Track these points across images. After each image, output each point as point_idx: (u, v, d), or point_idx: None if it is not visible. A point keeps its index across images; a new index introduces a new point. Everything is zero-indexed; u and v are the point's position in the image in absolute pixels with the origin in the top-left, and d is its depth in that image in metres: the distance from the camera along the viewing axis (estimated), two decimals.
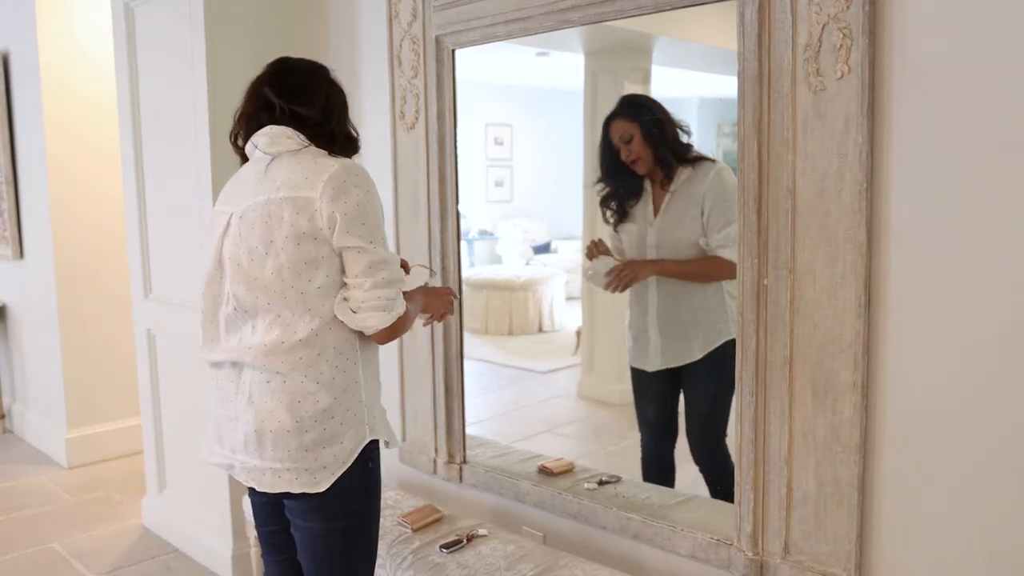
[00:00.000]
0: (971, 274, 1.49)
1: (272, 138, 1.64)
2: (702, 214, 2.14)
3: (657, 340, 2.30)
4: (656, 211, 2.24)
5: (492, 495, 2.44)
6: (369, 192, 1.61)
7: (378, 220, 1.62)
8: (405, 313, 1.66)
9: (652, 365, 2.34)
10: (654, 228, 2.25)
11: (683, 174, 2.19)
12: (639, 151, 2.22)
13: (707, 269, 2.14)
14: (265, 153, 1.65)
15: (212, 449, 1.75)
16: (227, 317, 1.69)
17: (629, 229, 2.32)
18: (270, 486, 1.64)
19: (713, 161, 2.17)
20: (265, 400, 1.62)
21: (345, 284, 1.62)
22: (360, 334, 1.65)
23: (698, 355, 2.24)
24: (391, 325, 1.63)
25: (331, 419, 1.61)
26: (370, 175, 1.65)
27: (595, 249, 2.34)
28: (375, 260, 1.59)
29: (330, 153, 1.65)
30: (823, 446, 1.68)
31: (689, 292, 2.24)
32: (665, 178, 2.22)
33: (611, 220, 2.36)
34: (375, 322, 1.60)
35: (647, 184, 2.26)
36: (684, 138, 2.20)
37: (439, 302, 1.93)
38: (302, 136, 1.65)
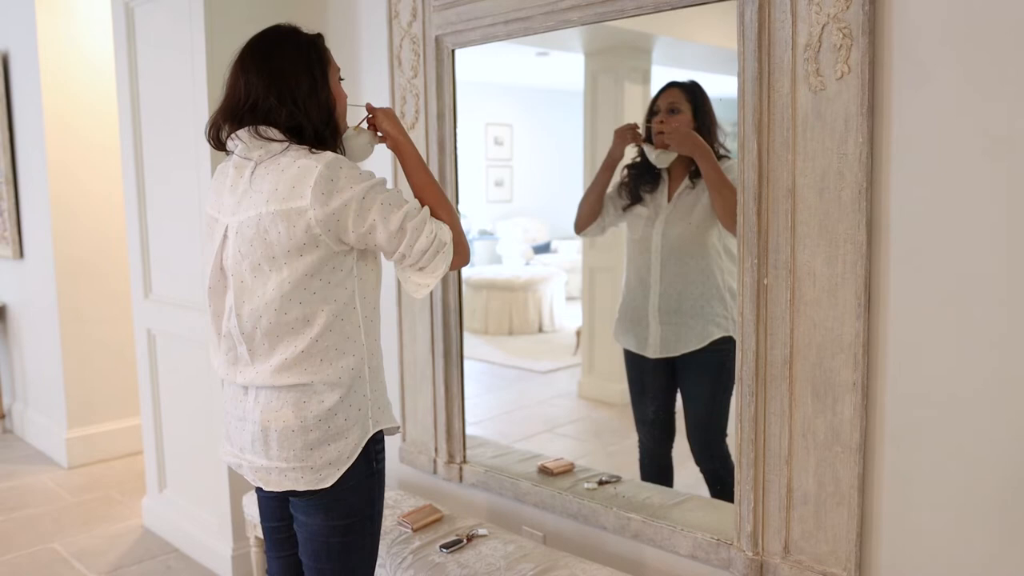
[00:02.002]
0: (971, 274, 1.49)
1: (251, 141, 1.59)
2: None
3: (656, 328, 2.31)
4: (669, 198, 2.25)
5: (492, 495, 2.44)
6: (359, 176, 1.56)
7: (375, 194, 1.56)
8: (451, 222, 1.65)
9: (651, 352, 2.35)
10: (663, 214, 2.26)
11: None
12: (677, 126, 2.19)
13: (731, 187, 2.01)
14: (246, 158, 1.61)
15: (224, 447, 1.76)
16: (231, 334, 1.68)
17: (638, 211, 2.32)
18: (276, 485, 1.64)
19: (731, 158, 2.16)
20: (271, 400, 1.62)
21: (395, 263, 1.63)
22: (360, 328, 1.64)
23: (694, 346, 2.25)
24: (454, 249, 1.64)
25: (335, 416, 1.61)
26: (349, 161, 1.59)
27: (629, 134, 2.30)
28: (393, 230, 1.57)
29: (311, 149, 1.58)
30: (823, 446, 1.68)
31: (691, 284, 2.25)
32: (686, 168, 2.21)
33: (624, 199, 2.35)
34: (443, 267, 1.62)
35: (664, 173, 2.27)
36: (720, 137, 2.19)
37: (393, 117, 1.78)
38: (281, 135, 1.58)
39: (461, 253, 1.67)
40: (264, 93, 1.59)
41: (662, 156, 2.23)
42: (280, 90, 1.59)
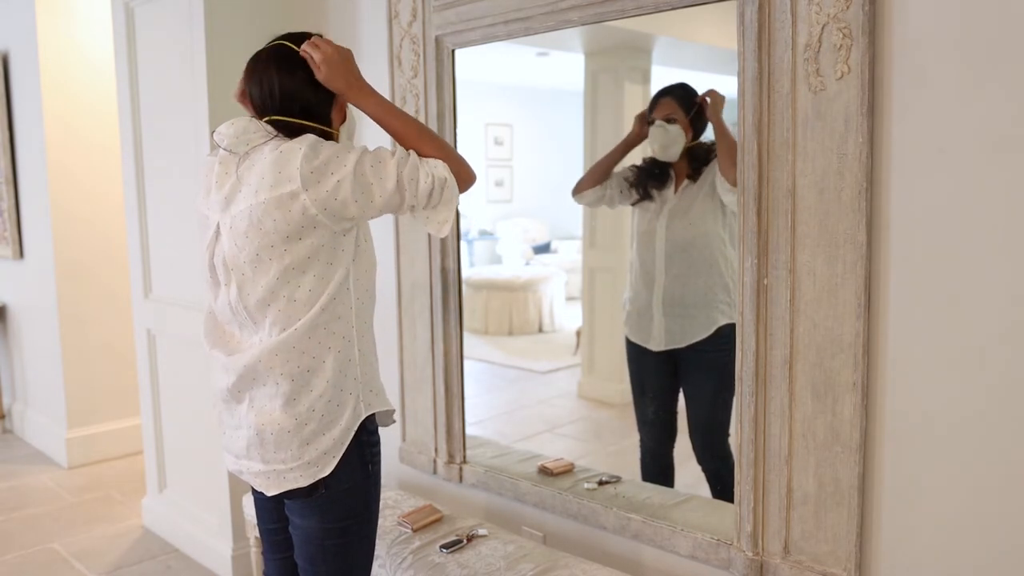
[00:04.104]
0: (971, 274, 1.49)
1: (237, 136, 1.60)
2: (713, 193, 2.15)
3: (661, 320, 2.32)
4: (674, 191, 2.26)
5: (492, 495, 2.44)
6: (343, 149, 1.57)
7: (363, 161, 1.56)
8: (442, 155, 1.64)
9: (655, 344, 2.35)
10: (668, 206, 2.27)
11: (704, 168, 2.20)
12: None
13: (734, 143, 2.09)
14: (232, 152, 1.62)
15: (227, 458, 1.76)
16: (229, 323, 1.69)
17: (645, 205, 2.34)
18: (277, 487, 1.64)
19: None
20: (264, 403, 1.62)
21: (411, 214, 1.64)
22: (351, 309, 1.64)
23: (700, 335, 2.26)
24: (455, 174, 1.63)
25: (327, 403, 1.60)
26: (329, 140, 1.61)
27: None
28: (391, 188, 1.57)
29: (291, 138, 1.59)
30: (823, 446, 1.68)
31: (695, 276, 2.26)
32: (689, 165, 2.23)
33: (632, 195, 2.37)
34: (454, 197, 1.63)
35: (671, 171, 2.28)
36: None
37: (345, 55, 1.69)
38: (268, 127, 1.60)
39: (464, 178, 1.67)
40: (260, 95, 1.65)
41: (664, 148, 2.24)
42: (293, 91, 1.63)
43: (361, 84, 1.69)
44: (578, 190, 2.47)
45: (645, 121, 2.30)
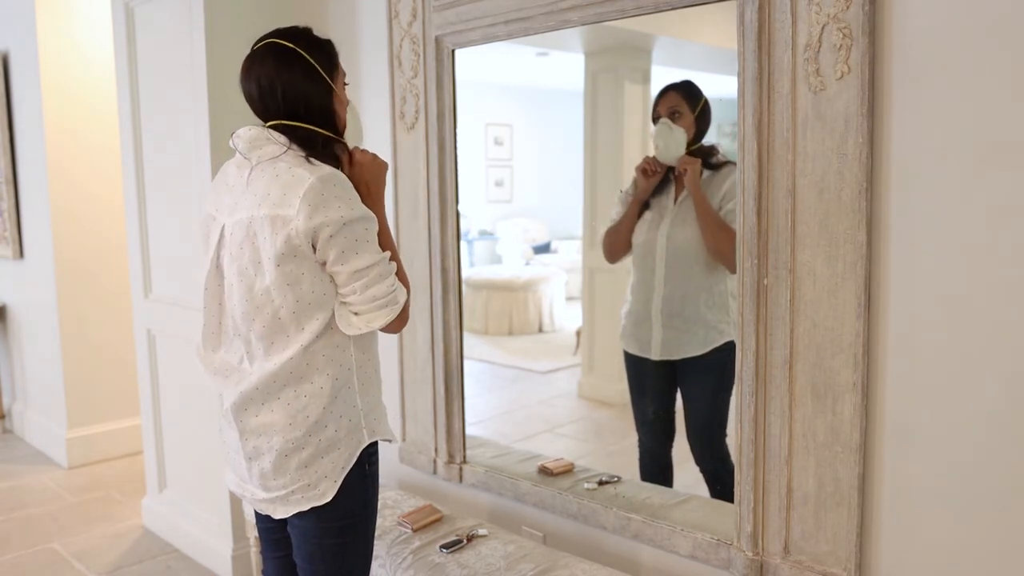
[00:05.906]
0: (971, 273, 1.49)
1: (251, 142, 1.60)
2: (719, 210, 2.14)
3: (659, 331, 2.31)
4: (674, 201, 2.25)
5: (492, 495, 2.44)
6: (349, 200, 1.56)
7: (355, 228, 1.56)
8: (408, 291, 1.67)
9: (653, 354, 2.35)
10: (668, 217, 2.26)
11: (705, 173, 2.19)
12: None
13: (722, 224, 2.09)
14: (246, 159, 1.61)
15: (228, 475, 1.77)
16: (226, 332, 1.69)
17: (646, 217, 2.32)
18: (283, 513, 1.65)
19: (734, 164, 2.16)
20: (260, 432, 1.62)
21: (340, 294, 1.61)
22: (348, 339, 1.63)
23: (696, 352, 2.25)
24: (403, 310, 1.64)
25: (324, 428, 1.60)
26: (347, 181, 1.59)
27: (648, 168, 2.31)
28: (359, 268, 1.57)
29: (308, 156, 1.58)
30: (823, 446, 1.68)
31: (695, 288, 2.25)
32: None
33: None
34: (382, 321, 1.61)
35: (671, 176, 2.27)
36: (718, 141, 2.19)
37: (377, 168, 1.72)
38: (282, 137, 1.59)
39: (403, 319, 1.66)
40: (260, 99, 1.64)
41: (667, 147, 2.23)
42: (295, 88, 1.62)
43: (380, 193, 1.71)
44: (613, 260, 2.46)
45: (647, 172, 2.28)
